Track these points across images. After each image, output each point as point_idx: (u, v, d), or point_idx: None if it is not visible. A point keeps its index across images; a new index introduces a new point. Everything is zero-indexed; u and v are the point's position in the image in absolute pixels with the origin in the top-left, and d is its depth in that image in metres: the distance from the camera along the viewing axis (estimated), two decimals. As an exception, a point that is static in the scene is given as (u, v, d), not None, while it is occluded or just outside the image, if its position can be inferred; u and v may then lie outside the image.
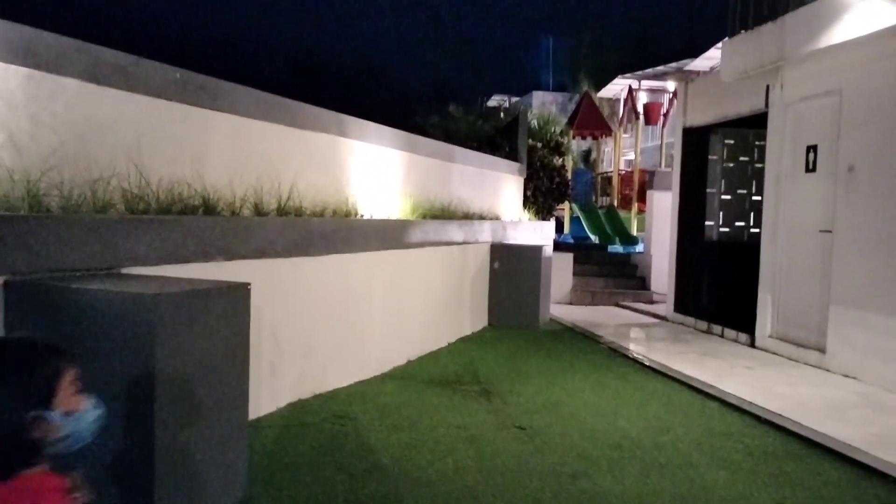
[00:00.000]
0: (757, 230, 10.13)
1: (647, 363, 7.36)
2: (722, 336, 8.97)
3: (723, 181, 10.31)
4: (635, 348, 8.14)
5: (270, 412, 5.27)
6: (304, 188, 6.09)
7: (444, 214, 8.77)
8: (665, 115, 20.35)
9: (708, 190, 10.26)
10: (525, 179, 12.59)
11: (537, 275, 9.55)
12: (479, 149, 11.06)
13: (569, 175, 13.84)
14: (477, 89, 23.30)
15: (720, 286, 9.93)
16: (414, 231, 7.47)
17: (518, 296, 9.60)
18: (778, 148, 8.10)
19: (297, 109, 6.15)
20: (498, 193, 11.39)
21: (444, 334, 8.34)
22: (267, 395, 5.27)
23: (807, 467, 4.48)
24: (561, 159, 13.25)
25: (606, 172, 24.35)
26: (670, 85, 17.34)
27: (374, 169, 7.45)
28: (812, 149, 7.57)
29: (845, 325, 6.87)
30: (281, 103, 5.96)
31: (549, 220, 12.60)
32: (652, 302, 12.16)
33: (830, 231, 7.18)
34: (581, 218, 18.51)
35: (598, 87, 23.85)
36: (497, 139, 12.59)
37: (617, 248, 16.02)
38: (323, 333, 5.99)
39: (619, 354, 7.97)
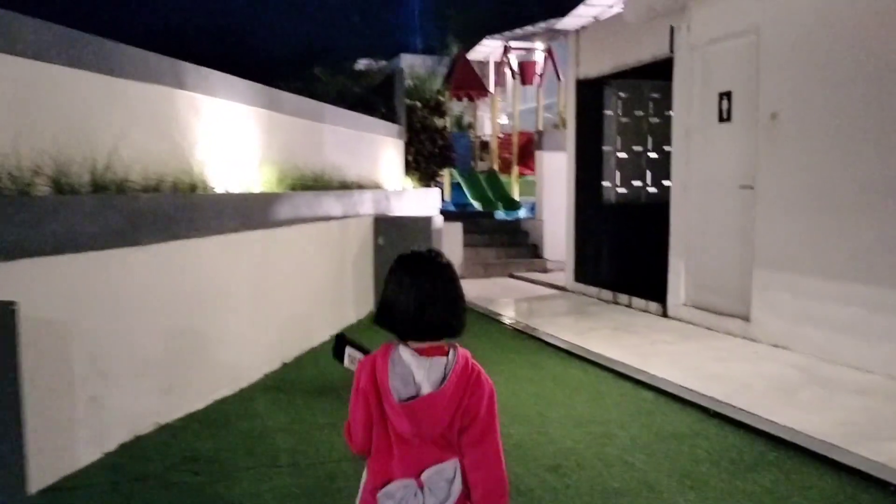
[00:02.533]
0: (655, 190, 9.54)
1: (562, 345, 6.46)
2: (630, 306, 8.27)
3: (619, 138, 9.59)
4: (543, 327, 7.23)
5: (92, 462, 3.86)
6: (132, 155, 4.63)
7: (317, 184, 7.44)
8: (541, 76, 19.73)
9: (604, 148, 9.50)
10: (405, 143, 11.43)
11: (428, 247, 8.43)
12: (353, 110, 9.75)
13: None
14: (341, 54, 21.69)
15: (623, 252, 9.25)
16: (282, 206, 6.13)
17: (407, 274, 8.45)
18: (686, 97, 7.35)
19: (113, 52, 4.65)
20: (377, 159, 10.15)
21: (326, 327, 7.08)
22: (86, 441, 3.86)
23: (789, 479, 3.65)
24: (442, 120, 12.16)
25: (484, 135, 23.61)
26: (540, 45, 16.67)
27: (227, 131, 6.02)
28: (726, 96, 6.86)
29: (771, 289, 6.24)
30: (90, 42, 4.45)
31: (433, 187, 11.52)
32: (546, 270, 11.41)
33: (752, 187, 6.51)
34: (462, 184, 17.58)
35: (468, 49, 22.91)
36: (371, 99, 11.32)
37: (503, 214, 15.23)
38: (166, 343, 4.59)
39: (526, 336, 7.03)
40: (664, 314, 7.64)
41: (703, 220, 7.17)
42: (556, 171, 11.57)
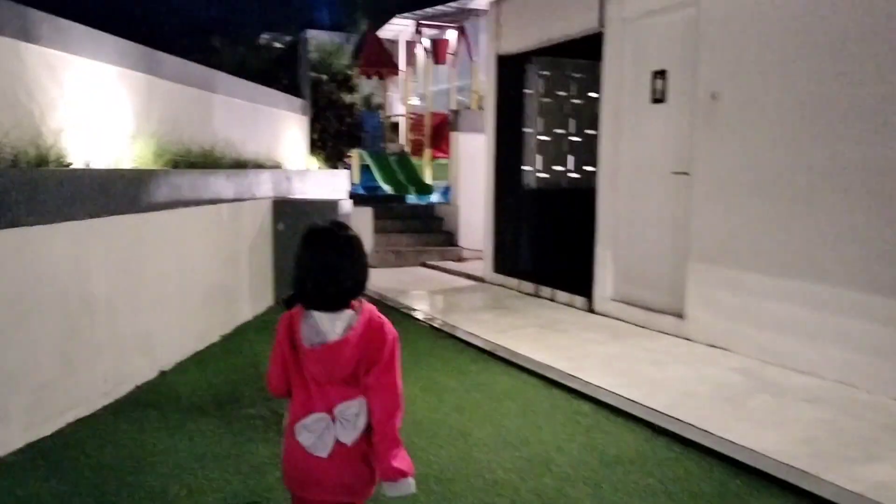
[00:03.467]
0: (577, 175, 9.05)
1: (484, 346, 5.81)
2: (553, 300, 7.72)
3: (540, 119, 9.01)
4: (462, 325, 6.56)
5: None
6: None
7: (205, 161, 6.48)
8: (454, 55, 19.05)
9: (525, 129, 8.90)
10: (311, 120, 10.49)
11: (333, 237, 7.60)
12: (252, 81, 8.74)
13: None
14: (242, 28, 20.26)
15: (545, 241, 8.71)
16: (158, 186, 5.17)
17: (310, 264, 7.60)
18: (616, 75, 6.81)
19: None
20: (278, 136, 9.19)
21: (215, 325, 6.16)
22: None
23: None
24: (351, 96, 11.27)
25: (395, 115, 22.73)
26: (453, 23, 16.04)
27: (92, 96, 5.01)
28: (660, 74, 6.35)
29: (707, 284, 5.79)
30: None
31: (341, 168, 10.64)
32: (462, 259, 10.77)
33: (687, 173, 6.03)
34: (371, 166, 16.70)
35: (377, 27, 21.90)
36: (273, 71, 10.32)
37: (414, 198, 14.49)
38: (-4, 360, 3.62)
39: (444, 335, 6.34)
40: (590, 309, 7.12)
41: (633, 208, 6.66)
42: (472, 153, 10.91)
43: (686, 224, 6.00)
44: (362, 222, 10.12)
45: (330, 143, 10.59)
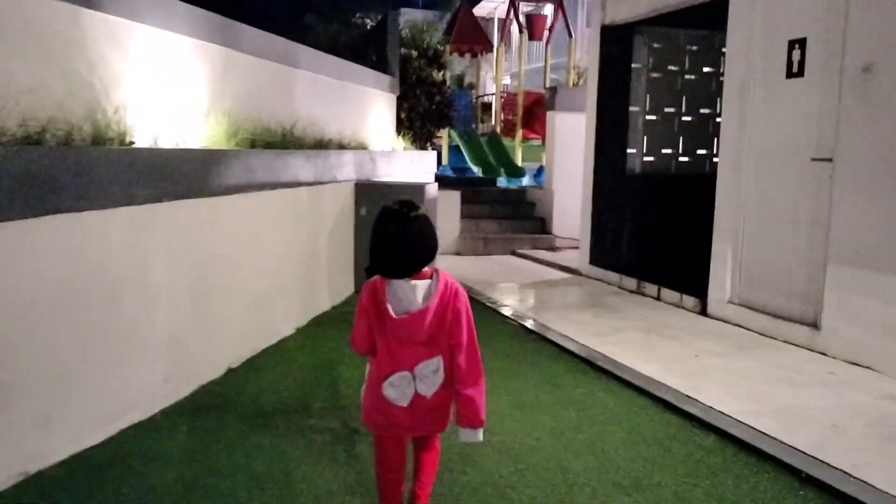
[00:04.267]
0: (687, 159, 8.15)
1: (582, 353, 5.13)
2: (658, 299, 6.92)
3: (648, 97, 8.16)
4: (556, 325, 5.90)
5: None
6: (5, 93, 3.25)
7: (284, 141, 6.03)
8: (551, 30, 18.16)
9: (631, 108, 8.07)
10: (398, 98, 9.97)
11: (419, 223, 7.07)
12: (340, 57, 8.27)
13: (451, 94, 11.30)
14: (336, 8, 19.95)
15: (649, 232, 7.88)
16: (229, 167, 4.74)
17: (393, 252, 7.10)
18: (744, 45, 5.91)
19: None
20: (364, 114, 8.71)
21: (290, 316, 5.75)
22: None
23: None
24: (441, 73, 10.67)
25: (487, 95, 22.02)
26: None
27: (160, 69, 4.60)
28: (798, 44, 5.43)
29: (851, 291, 4.90)
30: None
31: (429, 149, 10.10)
32: (555, 248, 10.05)
33: (829, 159, 5.12)
34: (461, 147, 16.14)
35: (472, 4, 21.18)
36: (361, 47, 9.83)
37: (505, 181, 13.83)
38: (38, 358, 3.24)
39: (535, 336, 5.70)
40: (703, 312, 6.30)
41: (760, 199, 5.78)
42: (569, 134, 10.15)
43: (826, 219, 5.11)
44: (449, 207, 9.57)
45: (418, 122, 10.04)
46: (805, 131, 5.36)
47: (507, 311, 6.42)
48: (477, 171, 15.13)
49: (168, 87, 4.67)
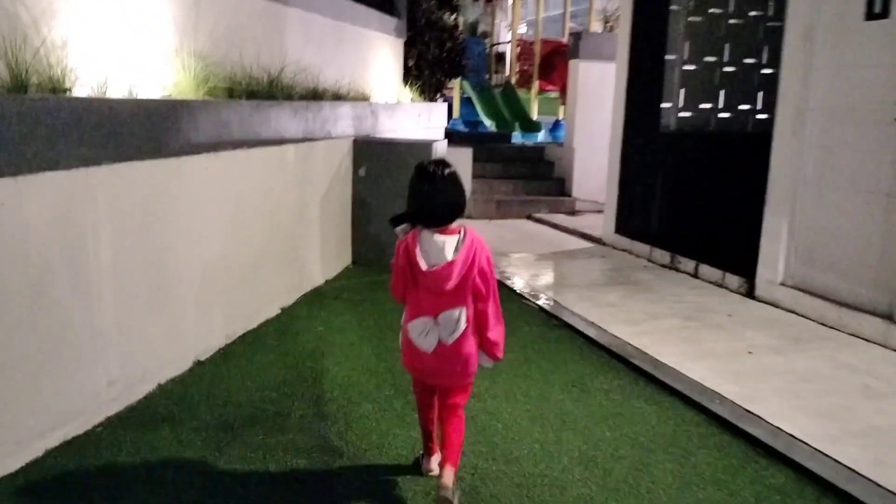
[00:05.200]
0: (728, 115, 7.26)
1: (612, 347, 4.36)
2: (696, 276, 6.11)
3: (686, 44, 7.21)
4: (580, 309, 5.13)
5: None
6: None
7: (269, 91, 5.18)
8: (571, -27, 16.96)
9: (667, 57, 7.14)
10: (405, 44, 9.03)
11: (425, 186, 6.25)
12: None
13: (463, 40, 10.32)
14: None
15: (687, 199, 7.02)
16: (197, 121, 3.92)
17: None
18: (813, -19, 4.97)
19: None
20: (366, 61, 7.81)
21: (274, 295, 4.99)
22: None
23: None
24: (454, 16, 9.69)
25: (501, 44, 20.87)
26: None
27: (117, 3, 3.75)
28: (884, -22, 4.49)
29: (941, 280, 4.07)
30: None
31: (438, 101, 9.21)
32: (575, 212, 9.21)
33: (920, 120, 4.24)
34: (473, 99, 15.15)
35: (489, -57, 19.91)
36: (365, -15, 8.84)
37: (519, 137, 12.91)
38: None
39: (555, 321, 4.93)
40: (750, 294, 5.49)
41: (826, 165, 4.92)
42: (594, 85, 9.21)
43: (912, 192, 4.26)
44: (460, 166, 8.67)
45: (427, 71, 9.12)
46: (887, 85, 4.46)
47: (522, 289, 5.64)
48: (490, 125, 14.20)
49: (122, 21, 3.82)
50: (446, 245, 2.49)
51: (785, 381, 3.87)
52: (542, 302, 5.30)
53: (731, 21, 7.28)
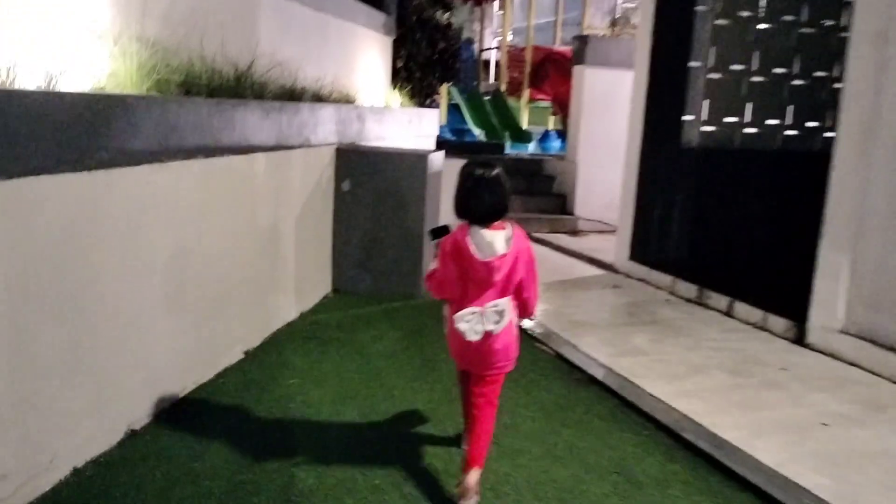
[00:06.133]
0: (753, 130, 6.49)
1: (658, 414, 3.52)
2: (729, 314, 5.30)
3: (711, 50, 6.44)
4: (605, 356, 4.29)
5: None
6: None
7: (237, 88, 4.29)
8: (564, -21, 16.27)
9: (691, 64, 6.35)
10: (394, 42, 8.19)
11: (420, 202, 5.39)
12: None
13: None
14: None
15: (717, 225, 6.20)
16: (136, 123, 3.02)
17: (386, 239, 5.43)
18: (887, -24, 4.20)
19: None
20: (351, 60, 6.95)
21: (234, 336, 4.08)
22: None
23: None
24: (448, 14, 8.86)
25: (488, 50, 20.10)
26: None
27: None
28: None
29: None
30: None
31: (431, 106, 8.39)
32: (577, 232, 8.40)
33: None
34: (462, 106, 14.36)
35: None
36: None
37: (511, 147, 12.11)
38: None
39: (579, 374, 4.08)
40: (800, 340, 4.69)
41: (901, 194, 4.13)
42: (601, 94, 8.43)
43: None
44: (453, 178, 7.82)
45: (417, 73, 8.27)
46: None
47: (532, 329, 4.78)
48: (478, 134, 13.41)
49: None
50: (495, 239, 2.61)
51: (883, 469, 3.05)
52: (559, 348, 4.45)
53: (761, 25, 6.51)
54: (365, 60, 7.33)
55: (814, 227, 4.59)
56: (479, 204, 2.62)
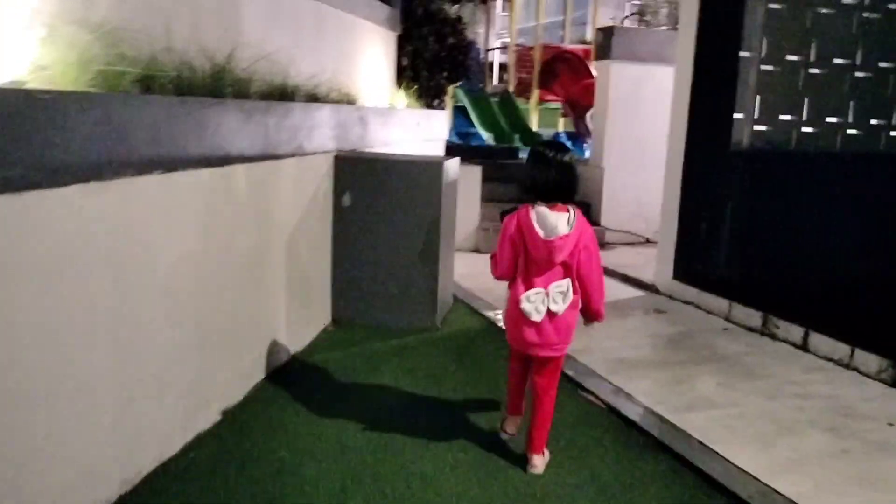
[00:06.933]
0: (811, 129, 5.69)
1: (742, 493, 2.70)
2: (804, 348, 4.48)
3: (765, 39, 5.63)
4: (672, 413, 3.47)
5: None
6: None
7: (214, 86, 3.48)
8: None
9: (743, 55, 5.54)
10: (399, 38, 7.40)
11: (435, 218, 4.57)
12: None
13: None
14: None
15: (784, 241, 5.30)
16: (71, 126, 2.21)
17: (396, 262, 4.62)
18: None
19: None
20: (352, 55, 6.16)
21: (215, 389, 3.26)
22: None
23: None
24: (457, 7, 8.06)
25: (494, 49, 19.34)
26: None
27: None
28: None
29: None
30: None
31: (442, 108, 7.61)
32: (603, 245, 7.56)
33: None
34: (468, 108, 13.58)
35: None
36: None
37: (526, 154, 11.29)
38: None
39: (637, 432, 3.27)
40: (900, 383, 3.87)
41: None
42: (630, 91, 7.62)
43: None
44: (466, 187, 7.04)
45: (425, 72, 7.48)
46: None
47: (571, 371, 3.96)
48: (487, 137, 12.63)
49: None
50: (559, 221, 2.69)
51: None
52: (609, 398, 3.63)
53: (820, 10, 5.69)
54: (367, 56, 6.52)
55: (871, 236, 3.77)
56: (546, 182, 2.72)
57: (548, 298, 2.74)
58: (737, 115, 5.59)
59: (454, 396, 3.66)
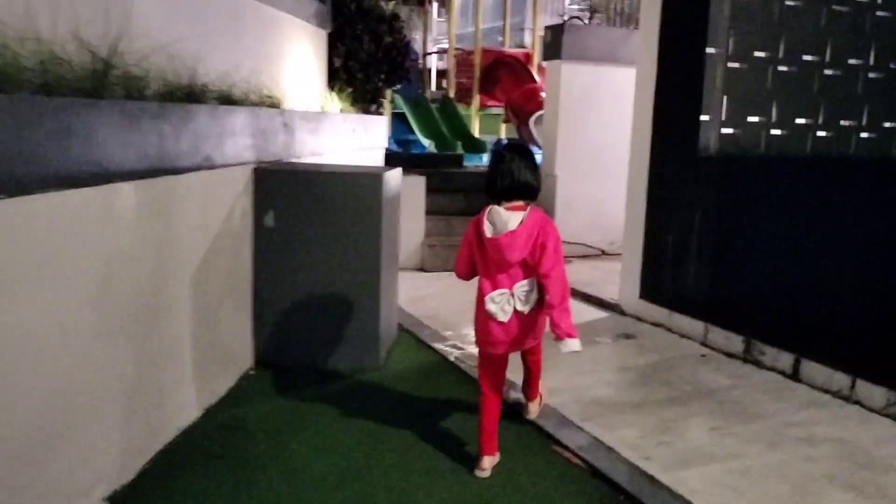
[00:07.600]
0: (780, 131, 5.28)
1: None
2: (795, 377, 3.98)
3: (730, 35, 5.17)
4: (663, 473, 2.89)
5: None
6: None
7: (95, 84, 2.73)
8: (513, -23, 15.08)
9: (709, 51, 5.06)
10: (330, 37, 6.72)
11: (375, 237, 3.91)
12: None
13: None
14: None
15: (767, 256, 4.74)
16: None
17: (330, 290, 3.93)
18: None
19: None
20: (276, 53, 5.45)
21: (92, 472, 2.51)
22: None
23: None
24: (392, 4, 7.41)
25: (432, 53, 18.78)
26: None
27: None
28: None
29: None
30: None
31: (380, 113, 6.98)
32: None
33: None
34: (407, 114, 12.98)
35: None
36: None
37: (474, 159, 10.78)
38: None
39: (620, 499, 2.68)
40: (913, 421, 3.39)
41: None
42: (582, 94, 7.10)
43: None
44: (410, 199, 6.41)
45: (360, 74, 6.79)
46: None
47: (539, 418, 3.36)
48: (428, 144, 12.05)
49: None
50: (511, 219, 2.72)
51: None
52: (589, 456, 3.03)
53: (788, 2, 5.27)
54: (293, 56, 5.81)
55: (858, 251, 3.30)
56: (501, 180, 2.77)
57: (513, 299, 2.78)
58: (704, 117, 5.10)
59: (405, 460, 2.99)
